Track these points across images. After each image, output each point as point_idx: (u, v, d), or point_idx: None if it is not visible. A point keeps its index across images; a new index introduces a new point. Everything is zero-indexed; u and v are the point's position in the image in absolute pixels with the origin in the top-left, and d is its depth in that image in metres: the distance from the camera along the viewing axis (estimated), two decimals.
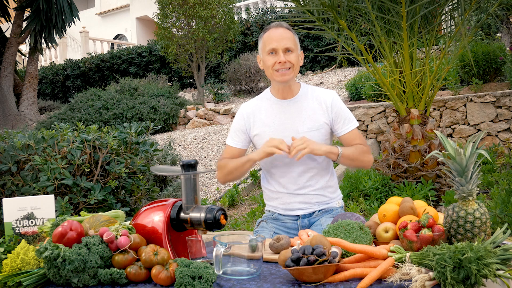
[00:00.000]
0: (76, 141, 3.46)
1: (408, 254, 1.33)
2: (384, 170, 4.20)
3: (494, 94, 5.31)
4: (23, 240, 1.59)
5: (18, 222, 1.77)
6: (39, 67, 13.16)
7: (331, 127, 2.10)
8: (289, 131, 2.06)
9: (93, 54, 13.62)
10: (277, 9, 10.84)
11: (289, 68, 2.02)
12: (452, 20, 3.96)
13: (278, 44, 2.01)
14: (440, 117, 5.61)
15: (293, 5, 3.78)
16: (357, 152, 2.04)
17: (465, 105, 5.47)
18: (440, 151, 2.68)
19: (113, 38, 19.03)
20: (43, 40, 9.87)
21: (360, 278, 1.32)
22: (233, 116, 8.37)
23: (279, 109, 2.12)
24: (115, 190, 3.52)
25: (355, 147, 2.05)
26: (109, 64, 12.53)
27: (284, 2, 3.94)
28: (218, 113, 8.49)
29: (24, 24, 9.72)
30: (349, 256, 1.46)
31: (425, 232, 1.39)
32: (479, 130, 5.40)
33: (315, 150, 1.93)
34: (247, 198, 4.96)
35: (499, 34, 7.68)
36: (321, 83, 9.12)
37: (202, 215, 1.55)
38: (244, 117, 2.16)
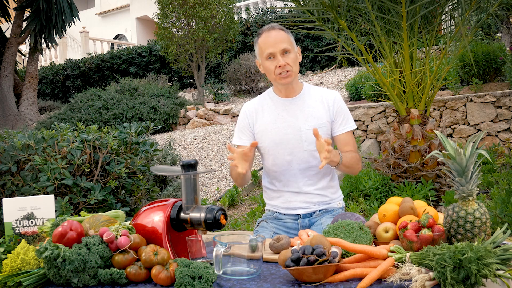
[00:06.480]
0: (76, 141, 3.46)
1: (408, 254, 1.33)
2: (384, 170, 4.20)
3: (494, 94, 5.31)
4: (23, 240, 1.59)
5: (18, 222, 1.77)
6: (39, 67, 13.15)
7: (331, 125, 2.11)
8: (291, 128, 2.08)
9: (93, 54, 13.61)
10: (277, 9, 10.83)
11: (289, 70, 2.04)
12: (452, 20, 3.96)
13: (275, 48, 2.02)
14: (440, 117, 5.61)
15: (293, 5, 3.78)
16: (354, 160, 2.05)
17: (465, 105, 5.46)
18: (440, 151, 2.68)
19: (113, 38, 19.02)
20: (43, 40, 9.86)
21: (360, 278, 1.32)
22: (233, 116, 8.40)
23: (282, 107, 2.13)
24: (115, 190, 3.52)
25: (351, 155, 2.05)
26: (109, 64, 12.52)
27: (284, 2, 3.94)
28: (218, 113, 8.49)
29: (24, 24, 9.71)
30: (349, 256, 1.46)
31: (425, 232, 1.39)
32: (479, 130, 5.39)
33: (333, 162, 1.94)
34: (247, 198, 4.96)
35: (499, 34, 7.67)
36: (321, 83, 9.12)
37: (202, 215, 1.55)
38: (248, 114, 2.19)
